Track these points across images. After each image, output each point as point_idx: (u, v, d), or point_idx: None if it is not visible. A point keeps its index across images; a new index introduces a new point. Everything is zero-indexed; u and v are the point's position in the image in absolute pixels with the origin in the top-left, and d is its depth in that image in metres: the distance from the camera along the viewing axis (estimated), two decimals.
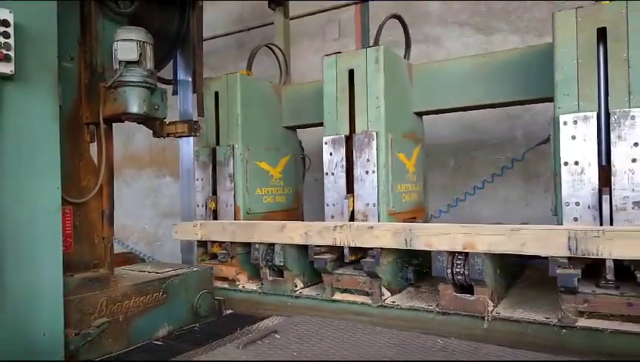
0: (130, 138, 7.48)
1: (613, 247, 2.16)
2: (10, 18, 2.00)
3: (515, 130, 4.97)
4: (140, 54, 2.68)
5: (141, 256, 3.99)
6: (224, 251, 3.56)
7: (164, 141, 5.94)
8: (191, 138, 3.50)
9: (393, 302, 2.88)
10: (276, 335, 2.12)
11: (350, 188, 3.15)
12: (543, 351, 2.07)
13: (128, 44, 2.65)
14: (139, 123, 3.07)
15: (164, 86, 3.57)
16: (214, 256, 3.67)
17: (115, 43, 2.70)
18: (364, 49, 3.17)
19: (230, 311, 3.33)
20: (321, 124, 3.34)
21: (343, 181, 3.17)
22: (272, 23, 5.27)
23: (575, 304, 2.33)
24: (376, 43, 3.29)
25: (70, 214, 2.64)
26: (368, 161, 3.06)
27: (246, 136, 3.71)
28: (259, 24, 6.12)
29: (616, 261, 2.21)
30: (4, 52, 1.97)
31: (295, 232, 3.09)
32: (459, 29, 5.29)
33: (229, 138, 3.74)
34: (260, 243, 3.30)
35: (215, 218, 3.74)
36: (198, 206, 3.81)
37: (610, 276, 2.23)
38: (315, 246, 3.03)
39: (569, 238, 2.25)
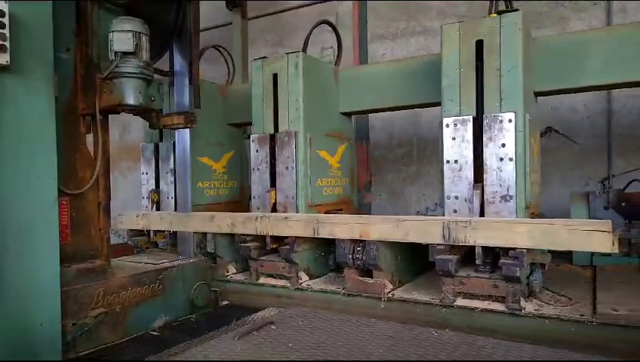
0: (127, 128, 7.46)
1: (478, 236, 2.48)
2: (6, 8, 1.99)
3: None
4: (136, 45, 2.67)
5: (138, 247, 3.98)
6: (164, 240, 3.86)
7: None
8: (187, 130, 3.44)
9: (308, 285, 3.23)
10: (272, 327, 2.14)
11: (273, 183, 3.48)
12: (429, 326, 2.23)
13: (124, 35, 2.65)
14: (135, 114, 3.06)
15: (160, 77, 3.55)
16: (156, 245, 3.98)
17: (111, 34, 2.69)
18: (286, 55, 3.46)
19: (226, 302, 3.36)
20: None
21: (267, 176, 3.50)
22: (231, 24, 5.24)
23: (453, 286, 2.66)
24: (304, 49, 3.61)
25: (67, 205, 2.64)
26: (288, 157, 3.40)
27: (189, 133, 3.84)
28: (219, 24, 6.12)
29: (488, 248, 2.53)
30: (0, 42, 1.96)
31: (223, 222, 3.37)
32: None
33: (172, 135, 3.98)
34: (194, 232, 3.55)
35: (158, 209, 4.08)
36: (143, 198, 4.17)
37: (479, 261, 2.54)
38: (242, 234, 3.34)
39: (443, 228, 2.57)
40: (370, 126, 5.35)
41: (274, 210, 3.46)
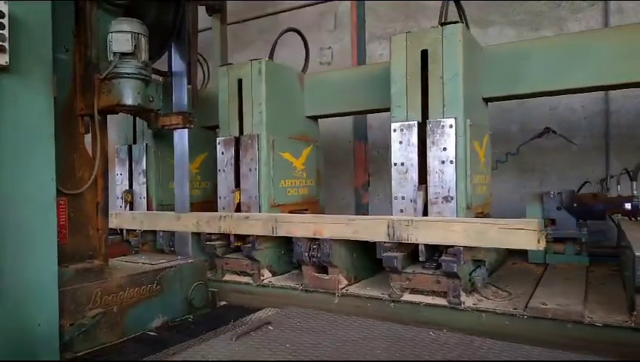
0: None
1: (419, 234, 2.64)
2: (5, 9, 2.00)
3: (509, 124, 5.02)
4: (135, 46, 2.68)
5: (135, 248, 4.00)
6: (135, 238, 4.00)
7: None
8: (185, 130, 3.47)
9: (270, 281, 3.40)
10: (269, 327, 2.16)
11: (238, 184, 3.66)
12: (377, 319, 2.35)
13: (123, 36, 2.66)
14: (133, 115, 3.18)
15: (158, 77, 3.57)
16: (129, 243, 4.08)
17: (110, 34, 2.70)
18: (250, 61, 3.66)
19: (224, 303, 3.38)
20: None
21: (232, 177, 3.68)
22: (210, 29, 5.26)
23: (400, 282, 2.80)
24: (271, 55, 3.93)
25: (65, 205, 2.65)
26: (251, 159, 3.59)
27: (158, 135, 4.17)
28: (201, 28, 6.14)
29: (432, 245, 2.69)
30: None
31: (189, 222, 3.53)
32: None
33: (145, 138, 4.25)
34: (163, 231, 3.79)
35: (132, 209, 4.26)
36: (117, 198, 4.34)
37: (422, 258, 2.69)
38: (207, 233, 3.51)
39: (388, 227, 2.72)
40: (367, 126, 5.39)
41: (238, 209, 3.62)
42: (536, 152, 4.76)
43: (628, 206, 3.37)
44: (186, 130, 3.46)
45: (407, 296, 2.80)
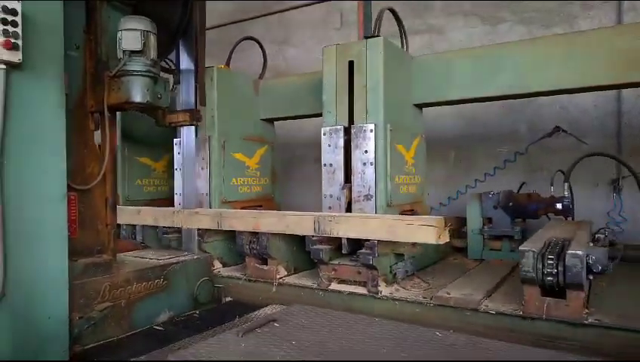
0: None
1: (340, 229, 2.91)
2: (19, 7, 2.06)
3: (518, 123, 5.01)
4: (144, 44, 2.73)
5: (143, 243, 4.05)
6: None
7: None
8: (192, 128, 3.58)
9: (219, 271, 3.60)
10: (275, 324, 2.20)
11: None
12: (312, 306, 2.54)
13: (132, 34, 2.71)
14: (141, 112, 3.14)
15: (166, 75, 3.61)
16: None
17: (120, 32, 2.75)
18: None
19: (229, 299, 3.42)
20: None
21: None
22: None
23: (327, 272, 3.05)
24: (228, 63, 4.37)
25: (75, 200, 2.70)
26: (203, 159, 3.85)
27: (127, 133, 4.26)
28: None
29: (356, 239, 2.92)
30: (13, 40, 2.03)
31: (148, 216, 3.81)
32: (463, 18, 5.31)
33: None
34: (126, 224, 3.99)
35: None
36: None
37: (344, 251, 2.94)
38: (164, 227, 3.77)
39: (314, 222, 2.99)
40: None
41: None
42: (545, 152, 4.75)
43: (559, 206, 3.56)
44: (193, 127, 3.57)
45: (334, 285, 3.04)
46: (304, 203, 4.80)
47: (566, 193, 3.58)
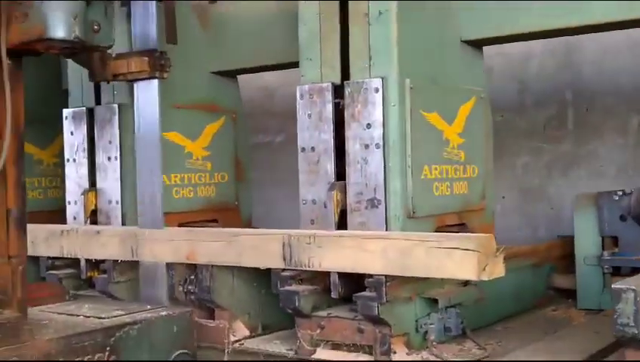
0: None
1: (324, 257, 2.13)
2: None
3: None
4: None
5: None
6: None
7: None
8: (153, 82, 2.57)
9: None
10: None
11: (93, 181, 2.97)
12: None
13: None
14: (66, 56, 2.50)
15: None
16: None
17: None
18: None
19: None
20: None
21: (85, 170, 2.97)
22: None
23: (310, 331, 2.23)
24: None
25: None
26: (110, 143, 2.87)
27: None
28: None
29: (351, 275, 2.18)
30: None
31: None
32: None
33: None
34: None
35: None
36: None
37: (334, 294, 2.17)
38: (48, 258, 2.85)
39: (283, 246, 2.21)
40: (484, 69, 3.61)
41: (94, 221, 2.95)
42: None
43: None
44: (156, 81, 2.58)
45: (321, 353, 2.22)
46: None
47: None
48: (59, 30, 1.96)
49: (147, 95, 2.58)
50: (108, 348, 2.01)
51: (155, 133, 2.61)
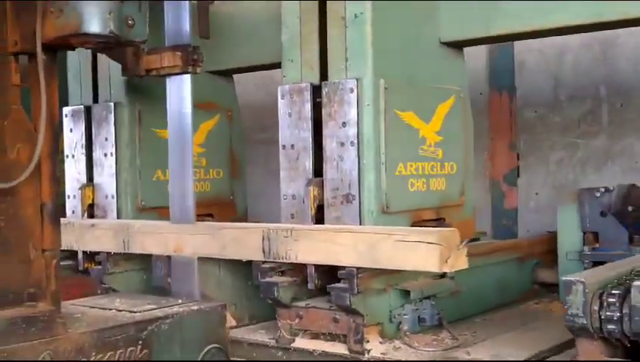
0: None
1: (299, 250, 2.20)
2: None
3: None
4: None
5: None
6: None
7: None
8: (186, 78, 2.57)
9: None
10: None
11: (91, 176, 3.07)
12: None
13: None
14: (100, 51, 2.53)
15: None
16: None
17: None
18: None
19: None
20: None
21: (83, 166, 3.08)
22: None
23: (289, 320, 2.32)
24: None
25: None
26: (107, 139, 2.97)
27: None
28: None
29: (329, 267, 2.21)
30: None
31: None
32: None
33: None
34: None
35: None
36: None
37: (311, 285, 2.23)
38: None
39: (263, 239, 2.27)
40: (516, 63, 3.86)
41: (91, 215, 3.03)
42: None
43: None
44: (188, 76, 2.58)
45: (300, 341, 2.30)
46: None
47: None
48: (94, 25, 2.00)
49: (179, 90, 2.58)
50: (140, 342, 2.02)
51: (188, 128, 2.61)
